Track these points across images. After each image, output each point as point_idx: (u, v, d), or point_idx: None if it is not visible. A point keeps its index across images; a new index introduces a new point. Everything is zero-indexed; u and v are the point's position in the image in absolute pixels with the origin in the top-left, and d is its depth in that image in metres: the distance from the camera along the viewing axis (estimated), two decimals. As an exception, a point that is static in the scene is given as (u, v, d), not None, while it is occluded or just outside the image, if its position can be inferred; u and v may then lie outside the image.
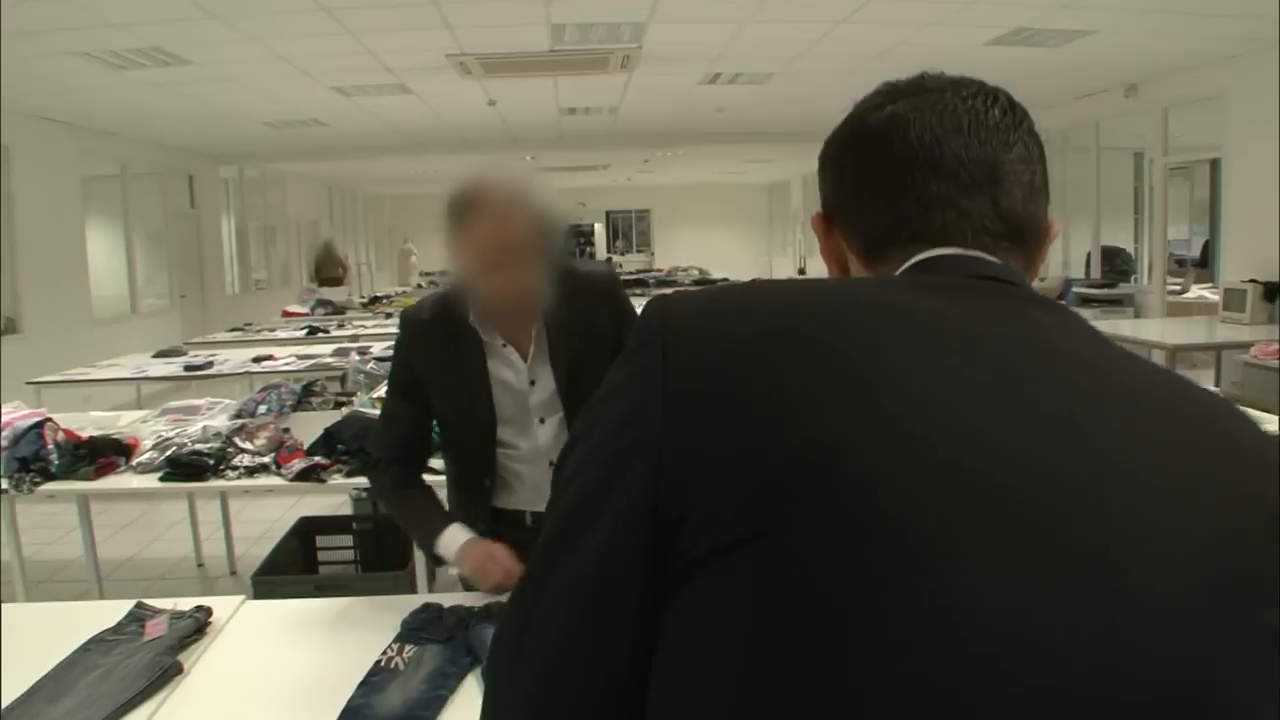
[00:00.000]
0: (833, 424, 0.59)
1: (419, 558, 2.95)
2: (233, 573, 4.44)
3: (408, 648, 1.76)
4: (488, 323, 1.95)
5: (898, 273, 0.76)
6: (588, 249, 22.52)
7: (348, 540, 3.57)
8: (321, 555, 3.52)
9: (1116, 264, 10.10)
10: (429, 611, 1.88)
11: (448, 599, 1.95)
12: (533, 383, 1.98)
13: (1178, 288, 9.60)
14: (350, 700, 1.58)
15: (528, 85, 8.17)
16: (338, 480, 3.19)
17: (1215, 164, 8.43)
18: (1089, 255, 10.16)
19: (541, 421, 2.00)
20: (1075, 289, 9.72)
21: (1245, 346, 6.29)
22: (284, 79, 7.31)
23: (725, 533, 0.59)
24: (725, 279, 13.18)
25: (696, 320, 0.67)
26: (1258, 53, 6.96)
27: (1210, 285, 9.44)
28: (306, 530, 3.54)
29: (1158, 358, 6.59)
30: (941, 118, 0.77)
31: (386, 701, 1.58)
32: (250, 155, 12.19)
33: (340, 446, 3.26)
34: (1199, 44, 6.82)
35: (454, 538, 1.91)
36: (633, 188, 22.40)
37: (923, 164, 0.76)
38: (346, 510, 4.09)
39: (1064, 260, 10.36)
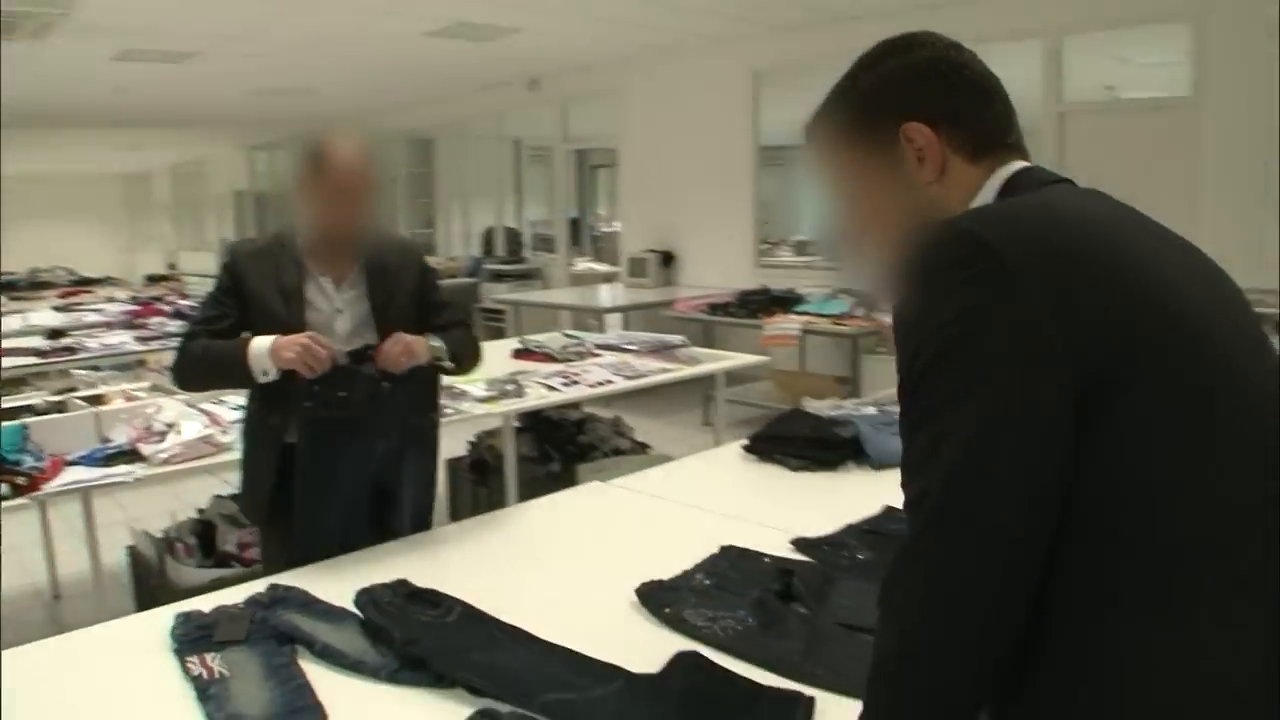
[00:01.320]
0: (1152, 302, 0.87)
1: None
2: None
3: (210, 656, 1.55)
4: (312, 254, 2.34)
5: (1005, 176, 1.01)
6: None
7: None
8: None
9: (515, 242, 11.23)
10: (195, 619, 1.67)
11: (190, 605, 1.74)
12: (340, 311, 2.35)
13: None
14: None
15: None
16: None
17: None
18: (489, 233, 11.14)
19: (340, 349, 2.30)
20: (485, 265, 10.60)
21: (655, 305, 7.56)
22: None
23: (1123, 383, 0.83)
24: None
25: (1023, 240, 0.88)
26: (644, 57, 8.29)
27: (587, 258, 11.06)
28: None
29: (592, 320, 7.60)
30: (981, 63, 1.07)
31: (252, 709, 1.41)
32: None
33: None
34: (603, 45, 7.84)
35: (260, 342, 2.18)
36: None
37: (1000, 92, 1.05)
38: None
39: (465, 240, 11.32)
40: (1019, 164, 1.02)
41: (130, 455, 2.81)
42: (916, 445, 0.90)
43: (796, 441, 2.73)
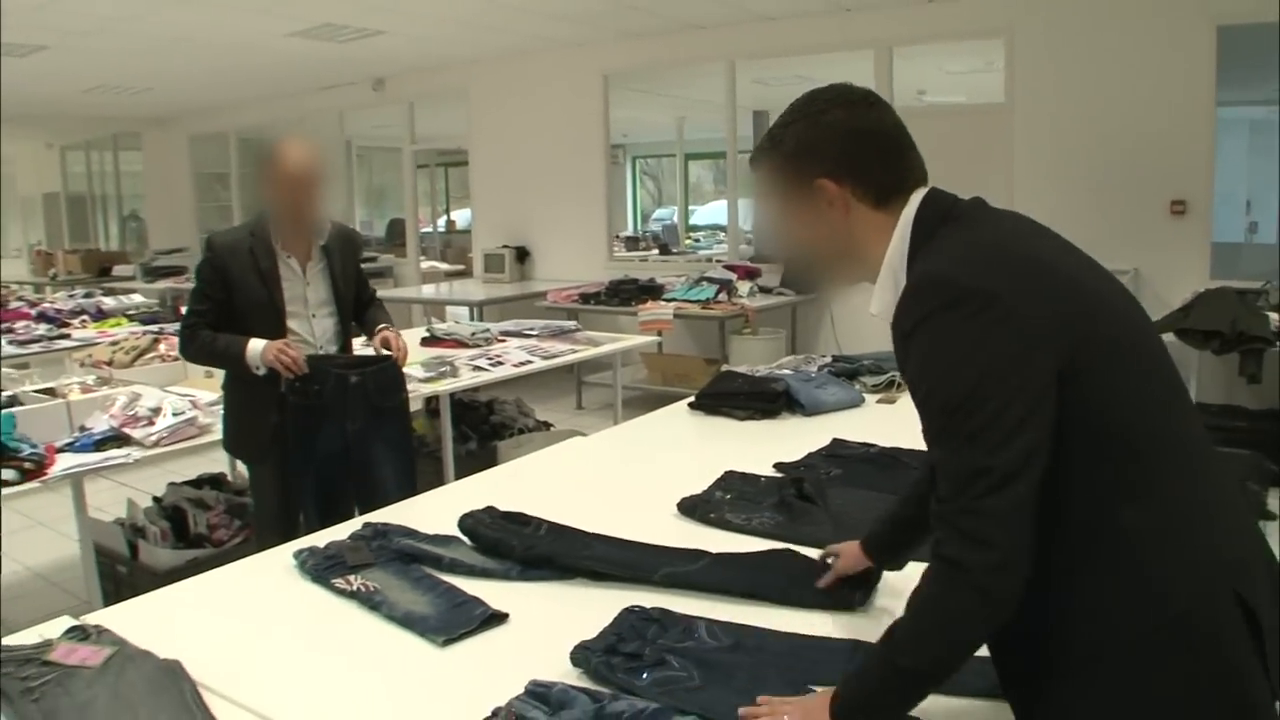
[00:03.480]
0: (1082, 303, 1.17)
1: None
2: None
3: (351, 577, 1.83)
4: (281, 240, 2.86)
5: (916, 207, 1.26)
6: None
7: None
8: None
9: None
10: (318, 553, 1.92)
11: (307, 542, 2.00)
12: (308, 284, 2.92)
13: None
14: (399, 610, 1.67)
15: None
16: None
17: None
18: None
19: (313, 317, 2.94)
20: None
21: (517, 299, 7.85)
22: None
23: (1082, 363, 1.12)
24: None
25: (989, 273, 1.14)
26: (494, 59, 8.56)
27: (423, 257, 11.20)
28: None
29: (462, 313, 7.82)
30: (890, 113, 1.31)
31: (420, 608, 1.70)
32: None
33: None
34: (455, 47, 8.05)
35: (255, 344, 2.76)
36: None
37: (903, 142, 1.30)
38: None
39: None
40: (919, 192, 1.27)
41: (118, 440, 2.94)
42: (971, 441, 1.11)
43: (738, 396, 3.17)
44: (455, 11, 6.64)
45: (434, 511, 2.18)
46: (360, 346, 3.18)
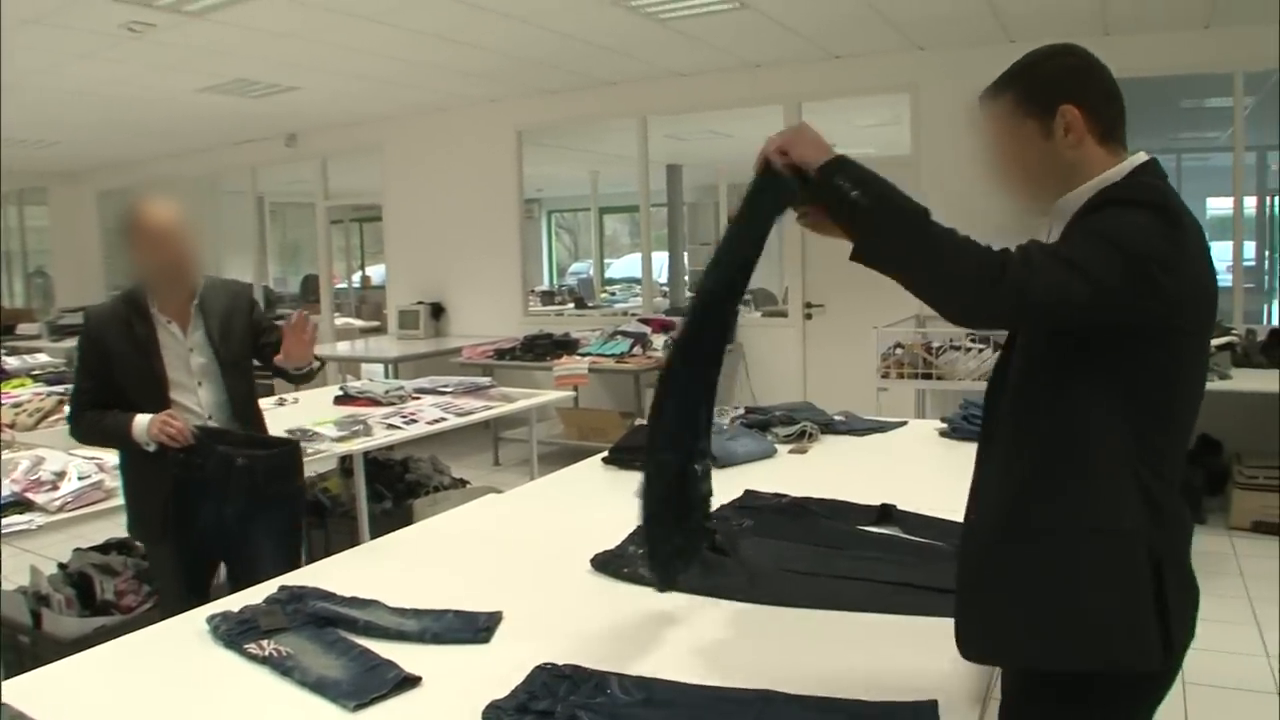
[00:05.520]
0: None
1: None
2: None
3: (264, 642, 1.81)
4: (158, 304, 2.74)
5: (1140, 160, 1.46)
6: None
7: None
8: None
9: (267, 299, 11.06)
10: (231, 617, 1.90)
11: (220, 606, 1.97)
12: (191, 350, 2.78)
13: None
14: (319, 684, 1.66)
15: None
16: None
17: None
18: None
19: (199, 384, 2.79)
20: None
21: (432, 355, 7.82)
22: None
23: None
24: None
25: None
26: (408, 115, 8.61)
27: (337, 314, 11.08)
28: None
29: (377, 371, 7.75)
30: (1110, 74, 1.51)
31: (334, 673, 1.69)
32: None
33: None
34: (369, 103, 8.07)
35: (140, 419, 2.64)
36: None
37: (1121, 97, 1.50)
38: None
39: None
40: (1145, 156, 1.47)
41: (20, 506, 2.86)
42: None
43: (652, 451, 3.22)
44: (368, 69, 6.68)
45: (350, 573, 2.17)
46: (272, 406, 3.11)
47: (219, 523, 2.70)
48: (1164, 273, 1.31)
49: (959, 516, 1.59)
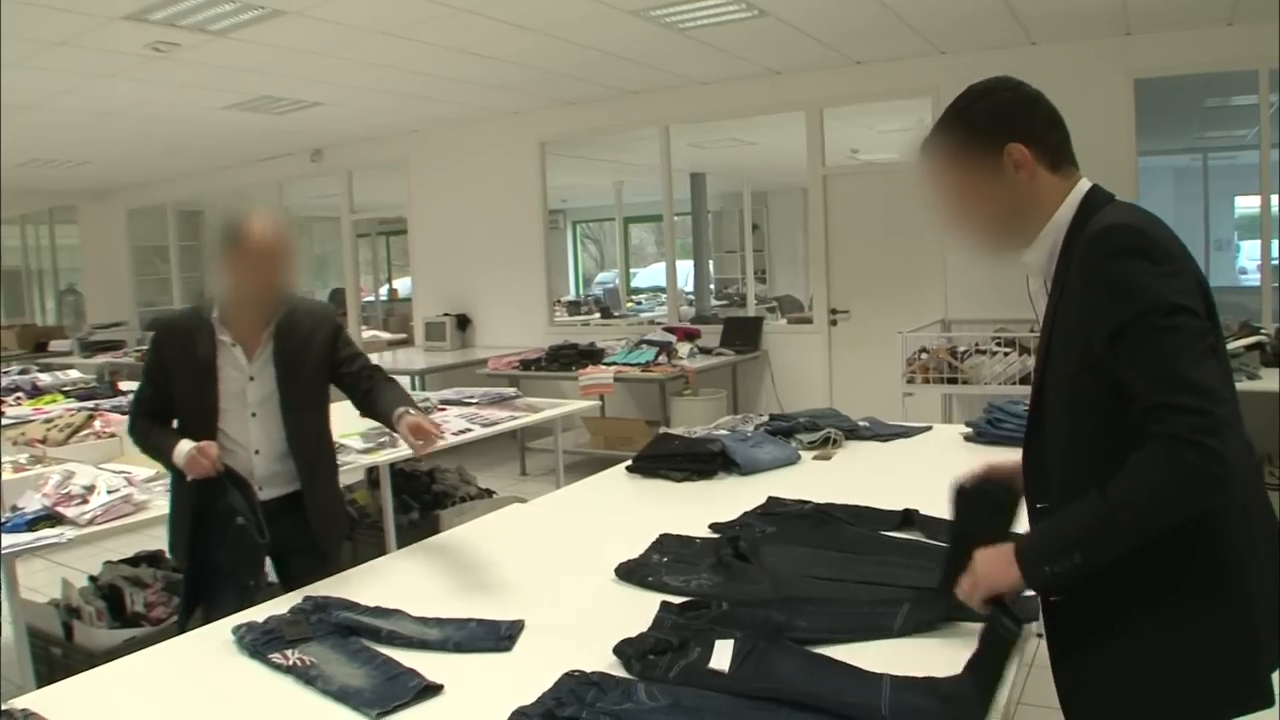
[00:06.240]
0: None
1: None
2: None
3: (288, 651, 1.82)
4: (226, 324, 2.59)
5: (1083, 191, 1.49)
6: None
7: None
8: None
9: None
10: (256, 627, 1.91)
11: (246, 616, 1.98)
12: (251, 379, 2.62)
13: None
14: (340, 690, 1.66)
15: None
16: None
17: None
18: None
19: (254, 415, 2.64)
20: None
21: (459, 366, 7.85)
22: None
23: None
24: None
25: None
26: (432, 128, 8.66)
27: (364, 327, 11.17)
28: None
29: (404, 382, 7.78)
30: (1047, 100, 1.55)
31: (357, 682, 1.70)
32: None
33: None
34: (394, 117, 8.14)
35: (183, 445, 2.48)
36: None
37: (1062, 122, 1.54)
38: None
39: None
40: (1087, 183, 1.51)
41: (51, 520, 2.89)
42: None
43: (675, 458, 3.22)
44: (392, 83, 6.74)
45: (375, 582, 2.18)
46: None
47: (214, 564, 2.53)
48: (1187, 296, 1.34)
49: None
